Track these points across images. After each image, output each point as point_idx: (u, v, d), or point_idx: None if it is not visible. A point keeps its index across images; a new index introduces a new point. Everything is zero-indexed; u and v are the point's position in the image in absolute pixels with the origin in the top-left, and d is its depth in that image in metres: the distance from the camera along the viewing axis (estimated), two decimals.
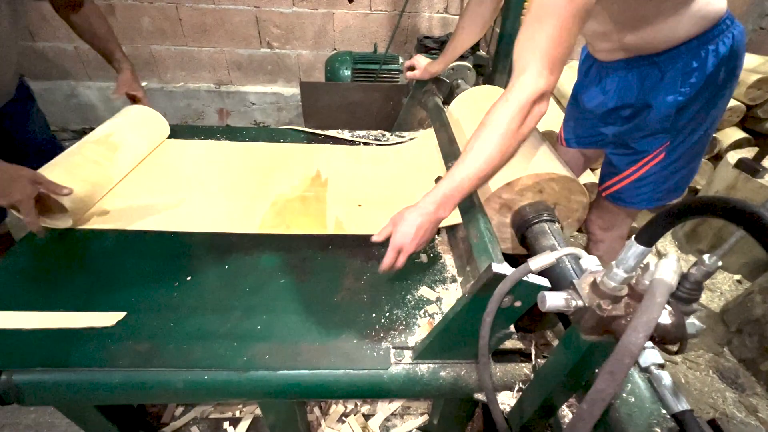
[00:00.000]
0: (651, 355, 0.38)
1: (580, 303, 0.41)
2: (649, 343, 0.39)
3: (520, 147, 0.68)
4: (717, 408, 1.24)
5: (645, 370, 0.38)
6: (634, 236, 0.38)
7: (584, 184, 1.67)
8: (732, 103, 1.70)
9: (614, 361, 0.31)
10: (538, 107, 0.65)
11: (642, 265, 0.40)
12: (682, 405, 0.33)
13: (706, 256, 0.39)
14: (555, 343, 1.17)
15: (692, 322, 0.41)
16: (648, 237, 0.36)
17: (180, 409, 1.15)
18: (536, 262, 0.53)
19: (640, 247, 0.37)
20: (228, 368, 0.67)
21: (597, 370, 0.54)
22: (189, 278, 0.83)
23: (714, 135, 1.77)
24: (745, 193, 1.53)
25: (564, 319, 0.72)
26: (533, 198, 0.88)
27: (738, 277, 1.63)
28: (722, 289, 1.62)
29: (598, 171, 1.70)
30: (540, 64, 0.62)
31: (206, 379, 0.67)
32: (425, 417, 1.14)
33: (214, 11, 2.05)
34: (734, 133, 1.73)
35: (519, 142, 0.66)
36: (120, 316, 0.74)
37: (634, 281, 0.40)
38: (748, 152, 1.64)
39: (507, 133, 0.64)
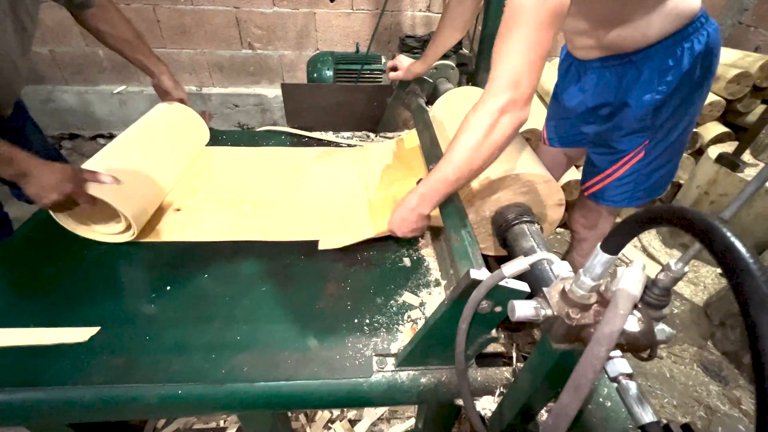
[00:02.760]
0: (619, 365, 0.38)
1: (549, 312, 0.41)
2: (618, 352, 0.38)
3: (496, 155, 0.69)
4: (701, 401, 1.26)
5: (614, 380, 0.37)
6: (599, 244, 0.37)
7: (568, 182, 1.69)
8: (712, 98, 1.72)
9: (578, 376, 0.30)
10: (507, 116, 0.65)
11: (610, 272, 0.40)
12: (648, 416, 0.33)
13: (672, 262, 0.39)
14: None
15: (662, 329, 0.41)
16: (613, 245, 0.36)
17: (162, 421, 1.14)
18: (510, 268, 0.52)
19: (606, 255, 0.37)
20: (205, 381, 0.66)
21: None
22: (168, 288, 0.81)
23: (695, 130, 1.78)
24: (726, 188, 1.55)
25: None
26: (512, 199, 0.88)
27: (720, 270, 1.65)
28: (705, 282, 1.64)
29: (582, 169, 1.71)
30: (511, 73, 0.62)
31: (181, 393, 0.65)
32: (412, 420, 1.14)
33: (192, 12, 2.02)
34: (715, 128, 1.75)
35: (491, 150, 0.67)
36: (94, 330, 0.72)
37: (603, 288, 0.40)
38: (729, 146, 1.66)
39: (475, 143, 0.66)
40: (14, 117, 1.03)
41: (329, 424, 1.13)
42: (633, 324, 0.38)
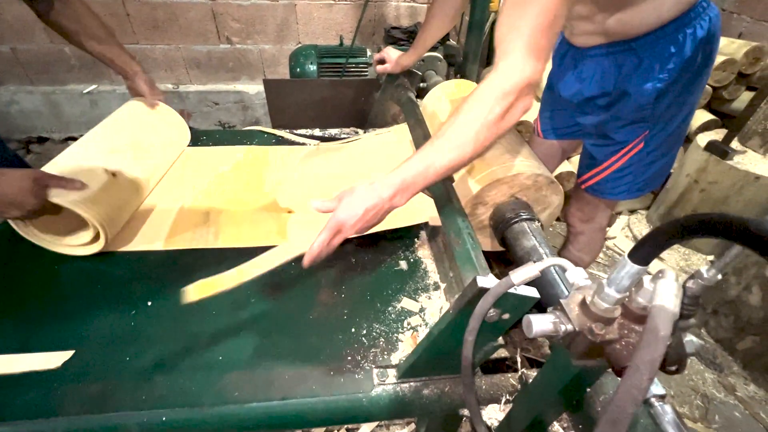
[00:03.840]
0: (652, 386, 0.34)
1: (569, 327, 0.37)
2: None
3: (495, 142, 0.61)
4: (698, 390, 1.27)
5: (645, 403, 0.34)
6: (627, 253, 0.34)
7: (561, 173, 1.67)
8: None
9: (616, 409, 0.27)
10: (522, 101, 0.57)
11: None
12: None
13: (704, 269, 0.36)
14: (540, 339, 1.15)
15: (690, 340, 0.37)
16: (643, 255, 0.32)
17: None
18: (518, 275, 0.48)
19: (635, 266, 0.33)
20: (192, 405, 0.61)
21: (588, 390, 0.51)
22: (149, 303, 0.76)
23: None
24: (716, 176, 1.55)
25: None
26: (509, 197, 0.85)
27: (711, 257, 1.67)
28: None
29: (575, 159, 1.70)
30: (526, 49, 0.55)
31: (166, 420, 0.60)
32: (411, 426, 1.11)
33: (165, 5, 1.92)
34: (702, 116, 1.76)
35: (498, 135, 0.59)
36: (67, 355, 0.66)
37: (627, 299, 0.37)
38: (717, 134, 1.66)
39: (487, 123, 0.57)
40: None
41: None
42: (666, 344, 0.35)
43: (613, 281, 0.35)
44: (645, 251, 0.32)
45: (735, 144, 1.55)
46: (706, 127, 1.74)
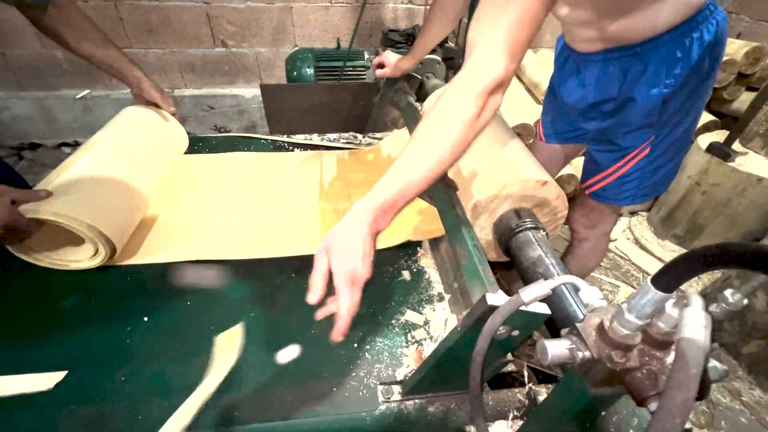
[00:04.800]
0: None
1: (587, 354, 0.36)
2: None
3: (471, 145, 0.56)
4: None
5: None
6: (650, 279, 0.32)
7: (562, 176, 1.65)
8: None
9: None
10: (494, 98, 0.54)
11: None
12: None
13: (728, 293, 0.34)
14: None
15: (714, 366, 0.36)
16: (667, 282, 0.31)
17: None
18: (529, 294, 0.46)
19: (659, 293, 0.31)
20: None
21: (603, 414, 0.49)
22: (145, 319, 0.73)
23: None
24: (718, 178, 1.54)
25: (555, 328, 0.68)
26: (513, 206, 0.83)
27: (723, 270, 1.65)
28: (702, 277, 1.64)
29: (576, 162, 1.68)
30: (500, 47, 0.52)
31: None
32: None
33: (158, 8, 1.89)
34: (702, 116, 1.75)
35: (474, 136, 0.55)
36: (60, 376, 0.64)
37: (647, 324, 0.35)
38: (717, 135, 1.65)
39: (462, 126, 0.52)
40: None
41: None
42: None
43: (634, 308, 0.33)
44: (669, 279, 0.30)
45: (736, 146, 1.54)
46: (706, 128, 1.73)
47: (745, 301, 0.33)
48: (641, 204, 1.97)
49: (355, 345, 0.70)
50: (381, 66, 1.19)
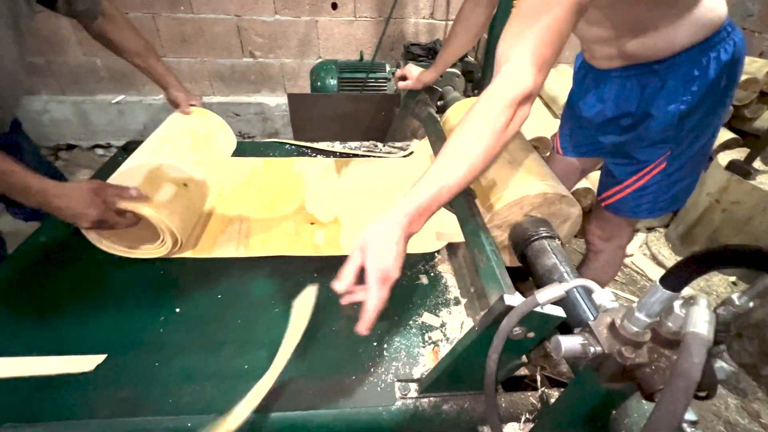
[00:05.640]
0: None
1: (598, 349, 0.38)
2: None
3: (501, 152, 0.60)
4: (720, 415, 1.23)
5: (678, 429, 0.34)
6: (658, 279, 0.35)
7: (577, 190, 1.66)
8: None
9: None
10: (523, 109, 0.57)
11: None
12: None
13: (735, 296, 0.36)
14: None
15: (721, 366, 0.38)
16: (675, 282, 0.33)
17: None
18: (544, 295, 0.49)
19: (666, 293, 0.34)
20: (216, 413, 0.62)
21: (614, 412, 0.51)
22: (177, 310, 0.78)
23: None
24: (738, 195, 1.53)
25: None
26: (521, 215, 0.85)
27: (733, 278, 1.63)
28: (718, 291, 1.62)
29: (593, 176, 1.69)
30: (528, 61, 0.55)
31: (191, 426, 0.62)
32: None
33: (193, 21, 1.99)
34: (723, 134, 1.74)
35: (503, 145, 0.58)
36: (100, 359, 0.68)
37: (656, 324, 0.37)
38: (738, 153, 1.64)
39: (493, 134, 0.55)
40: (9, 133, 1.00)
41: None
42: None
43: (644, 306, 0.35)
44: (677, 278, 0.33)
45: (758, 164, 1.53)
46: (727, 145, 1.72)
47: (751, 304, 0.35)
48: (658, 219, 1.96)
49: (375, 343, 0.73)
50: (403, 78, 1.24)
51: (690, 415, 0.34)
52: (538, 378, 0.72)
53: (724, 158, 1.61)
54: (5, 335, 0.71)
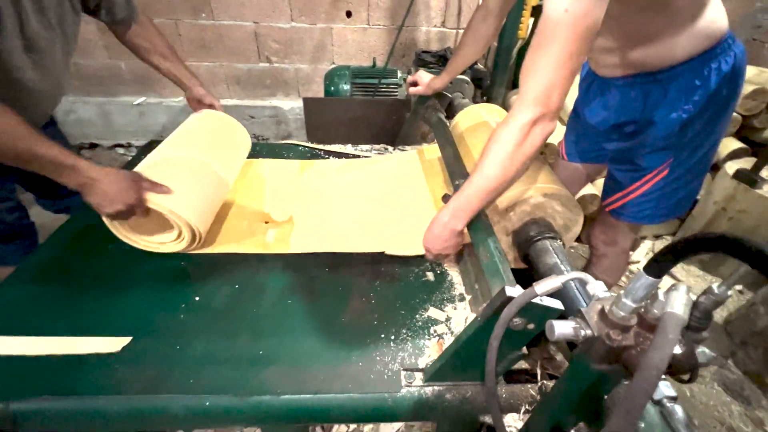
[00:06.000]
0: (663, 388, 0.38)
1: (588, 332, 0.42)
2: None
3: (527, 165, 0.71)
4: (723, 422, 1.24)
5: (657, 404, 0.38)
6: (643, 267, 0.38)
7: (583, 196, 1.69)
8: None
9: (629, 400, 0.31)
10: (538, 127, 0.66)
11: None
12: None
13: (714, 286, 0.40)
14: (559, 357, 1.16)
15: (702, 351, 0.41)
16: (657, 269, 0.37)
17: None
18: (542, 287, 0.53)
19: (649, 279, 0.37)
20: (233, 393, 0.67)
21: (606, 397, 0.54)
22: (197, 299, 0.83)
23: None
24: (744, 204, 1.54)
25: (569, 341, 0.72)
26: (531, 215, 0.89)
27: (740, 287, 1.64)
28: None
29: (599, 182, 1.71)
30: (539, 89, 0.64)
31: (209, 405, 0.66)
32: None
33: (213, 27, 2.07)
34: (731, 144, 1.75)
35: (523, 161, 0.69)
36: (126, 341, 0.73)
37: (643, 310, 0.41)
38: (746, 162, 1.65)
39: (508, 153, 0.68)
40: (46, 126, 1.07)
41: None
42: (675, 348, 0.39)
43: (630, 292, 0.39)
44: (658, 265, 0.36)
45: (765, 173, 1.54)
46: (735, 154, 1.73)
47: (729, 293, 0.38)
48: (665, 227, 1.96)
49: (382, 335, 0.77)
50: (414, 84, 1.29)
51: (670, 392, 0.38)
52: (538, 372, 0.75)
53: (731, 167, 1.62)
54: (41, 317, 0.77)
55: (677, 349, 0.39)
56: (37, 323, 0.75)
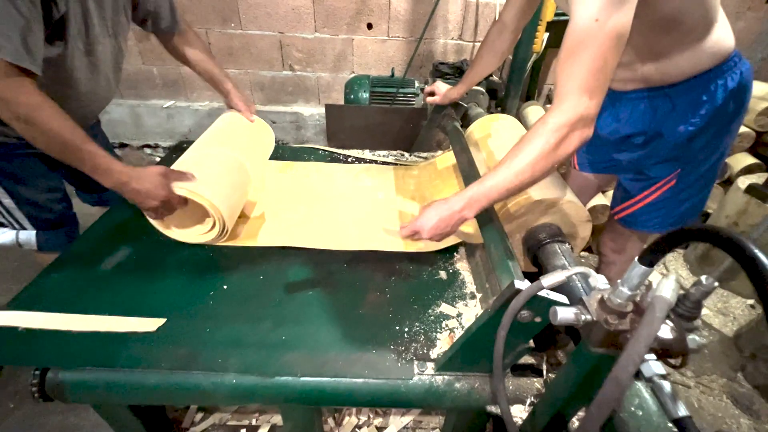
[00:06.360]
0: (654, 366, 0.42)
1: (588, 317, 0.46)
2: (653, 356, 0.43)
3: (554, 168, 0.71)
4: None
5: (649, 380, 0.42)
6: (637, 258, 0.43)
7: (595, 206, 1.72)
8: (742, 129, 1.74)
9: (619, 368, 0.35)
10: (577, 132, 0.66)
11: (645, 284, 0.45)
12: (681, 412, 0.38)
13: (703, 278, 0.44)
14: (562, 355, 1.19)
15: (693, 338, 0.45)
16: (650, 259, 0.41)
17: (200, 415, 1.20)
18: (548, 280, 0.57)
19: (643, 268, 0.42)
20: (256, 374, 0.72)
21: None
22: (225, 287, 0.89)
23: (725, 161, 1.79)
24: (756, 218, 1.54)
25: (574, 338, 0.76)
26: (542, 220, 0.93)
27: (751, 301, 1.63)
28: (735, 313, 1.62)
29: (609, 194, 1.74)
30: (579, 91, 0.64)
31: (236, 383, 0.72)
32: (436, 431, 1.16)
33: (241, 36, 2.18)
34: (745, 159, 1.76)
35: (553, 163, 0.68)
36: (161, 322, 0.80)
37: (638, 299, 0.45)
38: (759, 177, 1.66)
39: (541, 153, 0.67)
40: (93, 126, 1.16)
41: (356, 430, 1.17)
42: (667, 332, 0.43)
43: (626, 281, 0.43)
44: (651, 256, 0.41)
45: None
46: (749, 170, 1.74)
47: (716, 284, 0.43)
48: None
49: (397, 327, 0.82)
50: (432, 94, 1.35)
51: (659, 369, 0.42)
52: (544, 367, 0.78)
53: (743, 182, 1.63)
54: (85, 298, 0.84)
55: (669, 334, 0.43)
56: (82, 303, 0.82)
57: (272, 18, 2.13)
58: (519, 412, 0.74)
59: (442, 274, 0.95)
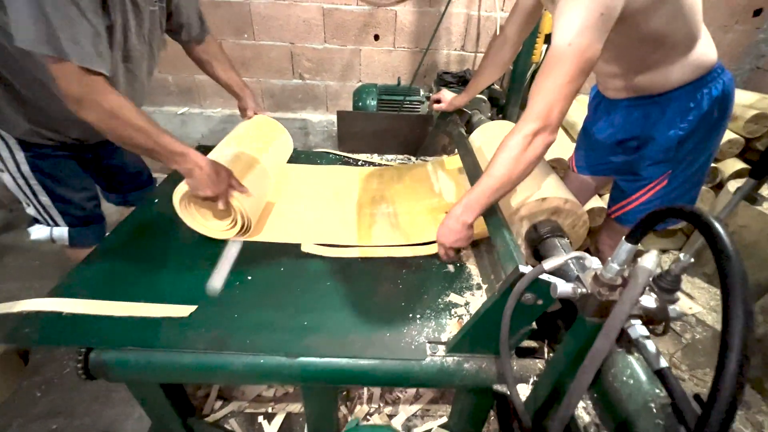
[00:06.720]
0: (639, 329, 0.49)
1: (584, 290, 0.53)
2: (639, 321, 0.50)
3: (530, 169, 0.81)
4: None
5: (635, 341, 0.49)
6: (624, 237, 0.50)
7: (593, 209, 1.79)
8: (732, 136, 1.83)
9: (608, 326, 0.43)
10: (540, 137, 0.77)
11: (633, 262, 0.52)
12: (663, 364, 0.44)
13: (681, 255, 0.51)
14: None
15: (674, 308, 0.52)
16: (636, 236, 0.49)
17: (219, 403, 1.26)
18: (549, 263, 0.64)
19: (629, 245, 0.49)
20: (283, 354, 0.79)
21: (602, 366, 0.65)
22: (249, 278, 0.96)
23: (716, 166, 1.88)
24: (745, 220, 1.62)
25: (570, 318, 0.83)
26: (543, 217, 1.00)
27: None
28: None
29: (606, 197, 1.82)
30: (542, 107, 0.75)
31: (263, 362, 0.78)
32: (443, 419, 1.23)
33: (253, 46, 2.28)
34: (735, 164, 1.85)
35: (525, 165, 0.79)
36: (193, 308, 0.86)
37: (626, 273, 0.52)
38: (748, 181, 1.74)
39: (513, 158, 0.78)
40: None
41: (368, 417, 1.23)
42: (651, 302, 0.50)
43: (615, 257, 0.51)
44: (636, 234, 0.48)
45: (765, 191, 1.63)
46: (738, 174, 1.82)
47: (692, 260, 0.50)
48: (672, 241, 2.04)
49: (410, 314, 0.88)
50: (438, 101, 1.43)
51: (645, 332, 0.49)
52: (546, 349, 0.85)
53: (733, 185, 1.71)
54: (122, 287, 0.91)
55: (652, 303, 0.50)
56: (120, 291, 0.89)
57: (284, 29, 2.23)
58: (523, 391, 0.80)
59: (450, 267, 1.02)
